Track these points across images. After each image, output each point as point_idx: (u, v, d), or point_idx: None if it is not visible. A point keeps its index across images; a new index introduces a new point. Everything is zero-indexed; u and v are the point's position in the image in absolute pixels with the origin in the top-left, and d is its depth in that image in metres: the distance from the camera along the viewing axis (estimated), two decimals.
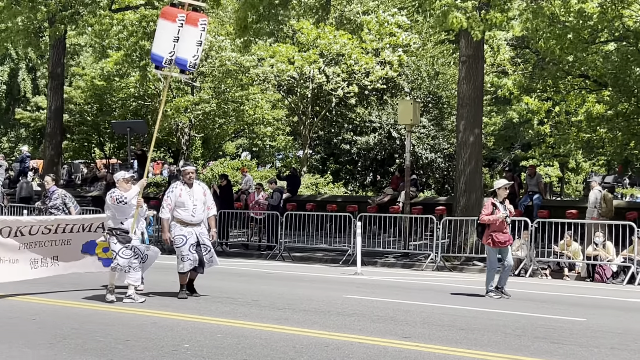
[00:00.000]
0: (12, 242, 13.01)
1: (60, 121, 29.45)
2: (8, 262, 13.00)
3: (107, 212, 12.94)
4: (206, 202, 13.56)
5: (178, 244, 13.24)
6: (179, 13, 13.22)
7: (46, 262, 13.56)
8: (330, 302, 13.17)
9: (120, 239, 12.69)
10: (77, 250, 13.87)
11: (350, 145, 31.99)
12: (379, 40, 32.19)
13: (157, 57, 13.36)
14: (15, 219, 14.22)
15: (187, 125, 34.94)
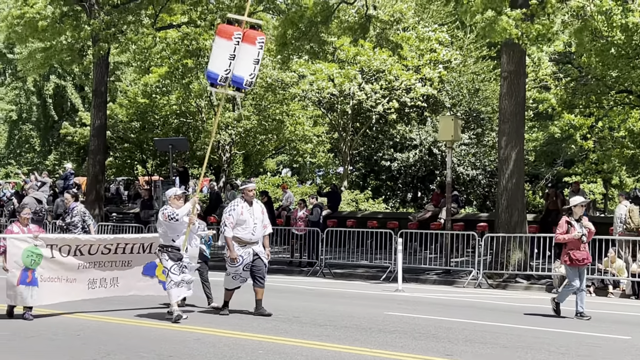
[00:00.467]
0: (71, 261, 13.01)
1: (104, 138, 29.73)
2: (66, 281, 13.01)
3: (159, 229, 12.87)
4: (263, 220, 13.41)
5: (233, 263, 13.09)
6: (235, 31, 13.02)
7: (105, 282, 13.54)
8: (372, 319, 13.13)
9: (172, 255, 12.60)
10: (138, 272, 13.83)
11: (390, 162, 31.95)
12: (420, 57, 32.17)
13: (212, 74, 13.18)
14: (74, 237, 13.97)
15: (228, 142, 35.14)
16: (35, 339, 11.20)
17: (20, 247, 12.44)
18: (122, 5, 27.30)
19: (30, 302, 12.54)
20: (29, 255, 12.45)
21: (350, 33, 26.77)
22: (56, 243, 12.86)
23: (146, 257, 13.76)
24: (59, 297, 13.03)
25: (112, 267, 13.52)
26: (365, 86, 31.69)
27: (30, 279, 12.41)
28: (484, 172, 31.01)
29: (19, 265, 12.36)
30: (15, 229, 12.95)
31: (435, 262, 21.51)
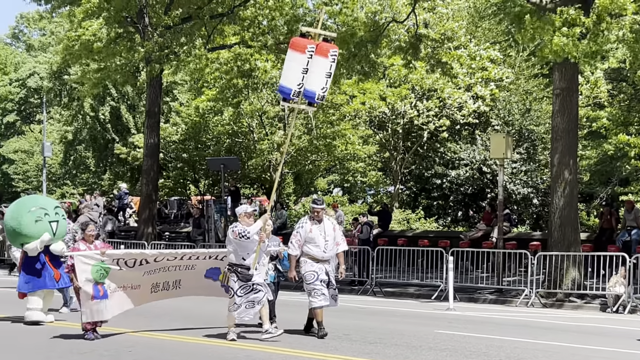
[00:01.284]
0: (137, 271, 13.01)
1: (157, 158, 30.07)
2: (131, 288, 13.06)
3: (228, 247, 12.65)
4: (335, 237, 13.22)
5: (309, 280, 12.89)
6: (309, 44, 12.74)
7: (168, 285, 13.54)
8: (422, 337, 13.05)
9: (241, 276, 12.33)
10: (201, 274, 13.66)
11: (441, 180, 31.80)
12: (471, 75, 32.03)
13: (285, 89, 12.86)
14: (140, 251, 14.14)
15: (279, 162, 35.30)
16: (88, 355, 11.34)
17: (88, 263, 12.47)
18: (175, 26, 27.66)
19: (107, 314, 12.56)
20: (98, 270, 12.48)
21: (401, 53, 26.73)
22: (123, 257, 12.93)
23: (211, 263, 13.61)
24: (126, 305, 13.10)
25: (175, 270, 13.46)
26: (418, 103, 31.66)
27: (102, 292, 12.47)
28: (536, 190, 30.68)
29: (89, 281, 12.38)
30: (81, 247, 12.92)
31: (487, 281, 21.30)
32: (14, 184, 64.44)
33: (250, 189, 46.19)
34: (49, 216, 14.63)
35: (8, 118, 68.71)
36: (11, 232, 14.88)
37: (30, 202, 15.45)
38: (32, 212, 14.58)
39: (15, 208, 15.24)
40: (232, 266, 12.47)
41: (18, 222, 14.55)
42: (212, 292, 13.87)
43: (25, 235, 14.50)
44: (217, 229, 28.52)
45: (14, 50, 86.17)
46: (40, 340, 12.66)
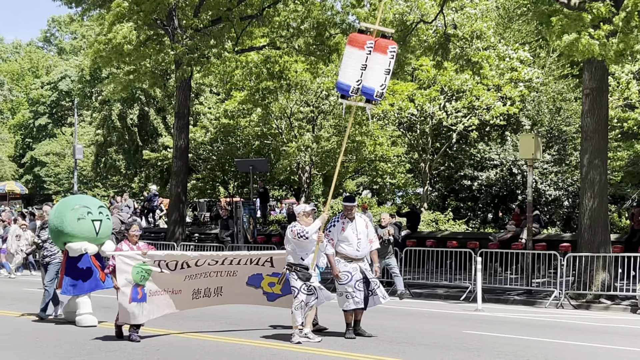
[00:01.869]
0: (178, 274, 12.82)
1: (186, 159, 30.21)
2: (172, 292, 12.88)
3: (287, 246, 12.48)
4: (368, 235, 13.13)
5: (343, 281, 12.73)
6: (368, 40, 12.43)
7: (209, 292, 13.33)
8: (450, 337, 13.01)
9: (301, 275, 12.20)
10: (243, 282, 13.46)
11: (470, 181, 31.66)
12: (501, 76, 31.88)
13: (343, 86, 12.59)
14: (181, 253, 13.94)
15: (307, 163, 35.36)
16: (114, 353, 11.43)
17: (130, 265, 12.34)
18: (205, 28, 27.80)
19: (141, 318, 12.42)
20: (139, 272, 12.36)
21: (430, 53, 26.66)
22: (164, 259, 12.75)
23: (252, 269, 13.41)
24: (165, 309, 12.93)
25: (217, 276, 13.24)
26: (447, 105, 31.57)
27: (141, 295, 12.31)
28: (566, 192, 30.46)
29: (129, 283, 12.26)
30: (124, 247, 12.77)
31: (516, 282, 21.18)
32: (45, 186, 65.16)
33: (279, 191, 46.32)
34: (92, 215, 14.45)
35: (40, 121, 69.53)
36: (54, 231, 14.66)
37: (74, 201, 15.30)
38: (75, 210, 14.41)
39: (59, 206, 15.08)
40: (291, 266, 12.33)
41: (61, 220, 14.34)
42: (254, 301, 13.69)
43: (68, 233, 14.28)
44: (245, 231, 28.62)
45: (45, 54, 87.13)
46: (77, 339, 12.79)
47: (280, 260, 13.05)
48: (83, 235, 14.29)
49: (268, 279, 13.19)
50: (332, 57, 28.88)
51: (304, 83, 33.52)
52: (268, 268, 13.30)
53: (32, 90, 73.10)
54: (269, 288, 13.20)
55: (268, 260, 13.36)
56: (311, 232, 12.13)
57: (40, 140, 68.71)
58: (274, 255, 13.41)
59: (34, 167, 66.84)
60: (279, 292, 13.25)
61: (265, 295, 13.39)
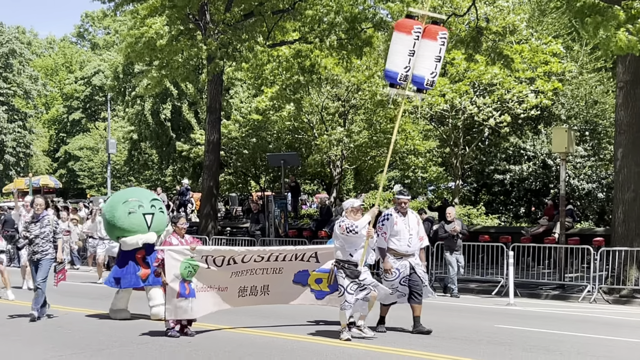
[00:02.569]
0: (224, 271, 12.52)
1: (218, 154, 30.33)
2: (218, 289, 12.63)
3: (335, 242, 12.07)
4: (419, 231, 12.81)
5: (390, 278, 12.48)
6: (415, 25, 11.99)
7: (255, 290, 13.02)
8: (481, 331, 12.96)
9: (349, 272, 11.76)
10: (289, 280, 13.08)
11: (503, 175, 31.47)
12: (533, 69, 31.61)
13: (391, 73, 12.08)
14: (229, 249, 13.54)
15: (339, 157, 35.34)
16: (145, 345, 11.53)
17: (178, 259, 12.11)
18: (236, 23, 27.86)
19: (190, 314, 12.19)
20: (187, 267, 12.12)
21: (462, 46, 26.53)
22: (212, 255, 12.49)
23: (298, 265, 13.05)
24: (211, 307, 12.67)
25: (263, 274, 12.92)
26: (477, 100, 31.37)
27: (189, 290, 12.10)
28: (600, 185, 30.17)
29: (177, 278, 12.05)
30: (174, 241, 12.52)
31: (549, 277, 21.04)
32: (79, 181, 65.80)
33: (311, 185, 46.37)
34: (143, 208, 14.10)
35: (74, 116, 70.24)
36: (106, 224, 14.54)
37: (127, 194, 15.00)
38: (126, 204, 14.13)
39: (111, 200, 14.96)
40: (339, 262, 11.94)
41: (112, 214, 14.15)
42: (302, 300, 13.30)
43: (119, 227, 14.07)
44: (277, 225, 28.70)
45: (79, 49, 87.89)
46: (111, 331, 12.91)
47: (326, 255, 12.81)
48: (134, 230, 13.98)
49: (315, 275, 12.89)
50: (364, 50, 28.82)
51: (334, 77, 33.48)
52: (314, 264, 12.98)
53: (65, 86, 73.86)
54: (317, 285, 12.92)
55: (313, 255, 13.04)
56: (360, 227, 11.68)
57: (74, 135, 69.41)
58: (318, 250, 13.10)
59: (67, 162, 67.55)
60: (326, 289, 12.92)
61: (313, 293, 13.06)
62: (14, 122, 58.94)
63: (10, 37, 59.62)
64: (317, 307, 13.49)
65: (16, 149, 58.61)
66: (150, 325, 13.30)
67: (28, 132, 60.62)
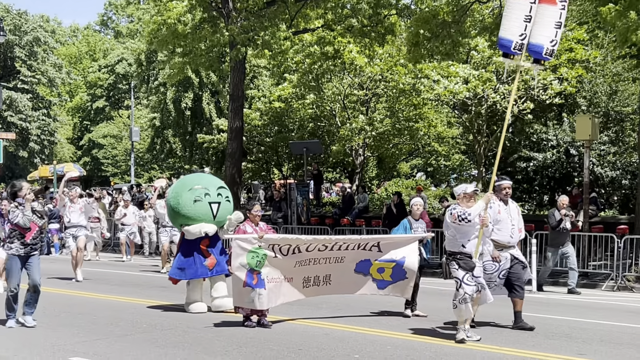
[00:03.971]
0: (289, 260, 12.08)
1: (240, 141, 30.37)
2: (284, 280, 12.17)
3: (446, 232, 11.23)
4: (519, 222, 12.08)
5: (489, 270, 11.60)
6: None
7: (318, 280, 12.60)
8: (503, 317, 12.92)
9: (462, 263, 10.81)
10: (351, 269, 12.68)
11: (526, 163, 31.30)
12: (557, 56, 31.36)
13: (505, 41, 11.15)
14: (296, 237, 12.77)
15: (361, 146, 35.31)
16: (170, 331, 11.61)
17: (245, 249, 11.69)
18: (259, 10, 27.85)
19: (257, 304, 11.73)
20: (254, 257, 11.66)
21: (486, 33, 26.38)
22: (278, 243, 12.00)
23: (360, 254, 12.61)
24: (279, 298, 12.23)
25: (325, 263, 12.48)
26: (500, 86, 31.18)
27: (256, 280, 11.64)
28: (625, 173, 29.94)
29: (243, 267, 11.64)
30: (248, 229, 12.16)
31: None
32: (103, 168, 66.14)
33: (333, 173, 46.36)
34: (209, 196, 13.49)
35: (97, 104, 70.53)
36: (171, 211, 13.97)
37: (193, 180, 14.32)
38: (192, 191, 13.51)
39: (177, 186, 14.27)
40: (450, 255, 11.05)
41: (177, 201, 13.55)
42: (364, 289, 12.92)
43: (184, 215, 13.49)
44: (300, 213, 28.74)
45: (102, 37, 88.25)
46: (134, 317, 13.01)
47: (389, 245, 12.55)
48: (199, 219, 13.39)
49: (377, 265, 12.54)
50: (386, 39, 28.74)
51: (357, 65, 33.39)
52: (376, 253, 12.57)
53: (89, 74, 74.17)
54: (379, 274, 12.57)
55: (375, 245, 12.62)
56: (474, 215, 10.70)
57: (98, 123, 69.72)
58: (381, 240, 12.71)
59: (91, 150, 67.87)
60: (389, 279, 12.63)
61: (375, 282, 12.69)
62: (38, 110, 59.26)
63: (35, 25, 59.88)
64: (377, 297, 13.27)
65: (40, 137, 58.92)
66: (173, 312, 13.39)
67: (52, 120, 60.91)
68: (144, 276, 20.39)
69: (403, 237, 12.75)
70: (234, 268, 11.74)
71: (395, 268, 12.49)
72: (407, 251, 12.56)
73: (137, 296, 15.63)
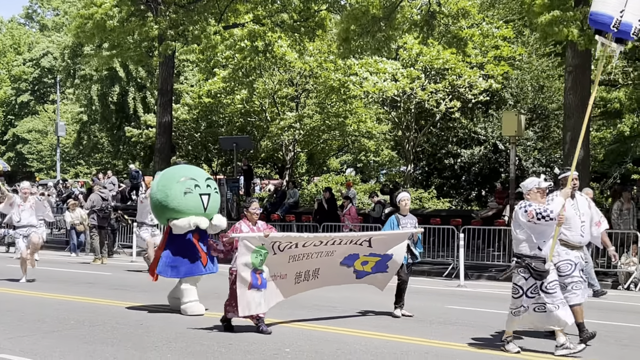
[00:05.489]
0: (283, 256, 11.35)
1: (169, 136, 30.13)
2: (279, 278, 11.47)
3: (518, 233, 9.71)
4: (593, 216, 10.69)
5: (565, 271, 10.20)
6: None
7: (308, 275, 11.96)
8: (432, 311, 13.10)
9: (535, 274, 9.52)
10: (337, 262, 12.15)
11: (453, 159, 31.73)
12: (484, 54, 31.85)
13: (603, 17, 9.69)
14: (298, 235, 12.09)
15: (291, 141, 35.34)
16: (99, 327, 11.45)
17: (251, 247, 10.88)
18: (188, 4, 27.63)
19: (263, 308, 10.99)
20: (257, 255, 10.91)
21: (417, 30, 26.63)
22: (280, 241, 11.25)
23: (350, 248, 12.09)
24: (275, 297, 11.54)
25: (317, 257, 11.84)
26: (428, 86, 31.51)
27: (260, 281, 10.91)
28: (550, 168, 30.57)
29: (247, 267, 10.82)
30: (244, 228, 11.19)
31: (499, 259, 21.31)
32: (28, 164, 64.88)
33: (263, 169, 46.32)
34: (199, 188, 12.79)
35: (22, 98, 69.07)
36: (157, 206, 13.04)
37: (180, 172, 13.38)
38: (181, 182, 12.75)
39: (163, 178, 13.22)
40: (523, 259, 9.61)
41: (165, 194, 12.74)
42: (344, 280, 12.55)
43: (173, 209, 12.68)
44: (229, 208, 28.62)
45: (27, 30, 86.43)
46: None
47: (379, 242, 12.18)
48: (190, 212, 12.68)
49: (363, 258, 12.18)
50: (316, 34, 28.80)
51: (287, 61, 33.37)
52: (366, 248, 12.14)
53: (14, 67, 72.56)
54: (361, 266, 12.22)
55: (366, 240, 12.16)
56: (556, 212, 9.44)
57: (22, 118, 68.30)
58: (373, 237, 12.25)
59: (16, 144, 66.50)
60: (369, 270, 12.33)
61: (355, 273, 12.35)
62: None
63: None
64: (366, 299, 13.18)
65: None
66: (102, 308, 13.20)
67: None
68: (68, 272, 20.04)
69: (395, 234, 12.43)
70: (240, 268, 10.82)
71: (379, 262, 12.26)
72: (396, 249, 12.31)
73: (63, 292, 15.37)
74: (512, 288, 9.82)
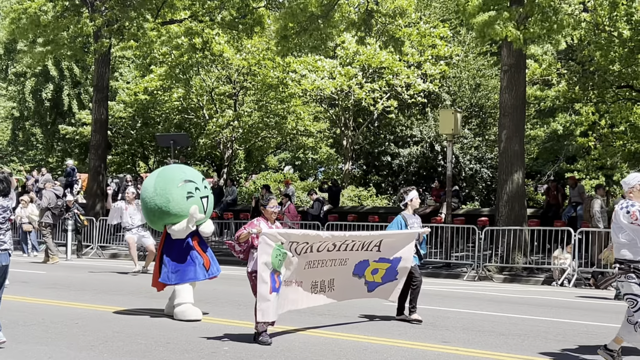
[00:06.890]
0: (301, 260, 10.60)
1: (105, 133, 29.77)
2: (295, 284, 10.71)
3: (619, 236, 8.55)
4: None
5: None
6: None
7: (324, 285, 11.25)
8: (371, 308, 13.13)
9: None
10: (350, 272, 11.51)
11: (391, 158, 31.93)
12: (421, 53, 32.14)
13: None
14: (316, 234, 11.11)
15: (229, 139, 35.18)
16: (34, 327, 11.23)
17: (271, 245, 9.95)
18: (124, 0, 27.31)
19: (275, 314, 10.18)
20: (277, 255, 9.98)
21: (354, 29, 26.72)
22: (297, 240, 10.44)
23: (361, 255, 11.48)
24: (289, 305, 10.76)
25: (331, 265, 11.18)
26: (365, 85, 31.66)
27: (278, 284, 10.05)
28: (486, 166, 31.01)
29: (268, 269, 9.91)
30: (263, 226, 10.19)
31: (436, 256, 21.52)
32: None
33: (201, 166, 46.02)
34: (199, 191, 12.08)
35: None
36: (156, 212, 12.11)
37: (176, 174, 12.31)
38: (182, 187, 11.97)
39: (160, 182, 12.20)
40: (628, 265, 8.48)
41: (166, 199, 11.89)
42: (357, 294, 11.91)
43: (175, 214, 11.93)
44: None
45: None
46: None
47: (389, 244, 11.68)
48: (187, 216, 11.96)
49: (373, 265, 11.61)
50: (254, 30, 28.70)
51: (225, 59, 33.20)
52: (375, 253, 11.57)
53: None
54: (371, 276, 11.67)
55: (377, 244, 11.55)
56: None
57: None
58: (383, 238, 11.64)
59: None
60: (379, 281, 11.81)
61: (367, 285, 11.76)
62: None
63: None
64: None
65: None
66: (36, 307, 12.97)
67: None
68: None
69: (403, 235, 11.94)
70: (260, 269, 9.92)
71: (389, 269, 11.81)
72: (404, 251, 11.86)
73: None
74: (627, 300, 8.62)
